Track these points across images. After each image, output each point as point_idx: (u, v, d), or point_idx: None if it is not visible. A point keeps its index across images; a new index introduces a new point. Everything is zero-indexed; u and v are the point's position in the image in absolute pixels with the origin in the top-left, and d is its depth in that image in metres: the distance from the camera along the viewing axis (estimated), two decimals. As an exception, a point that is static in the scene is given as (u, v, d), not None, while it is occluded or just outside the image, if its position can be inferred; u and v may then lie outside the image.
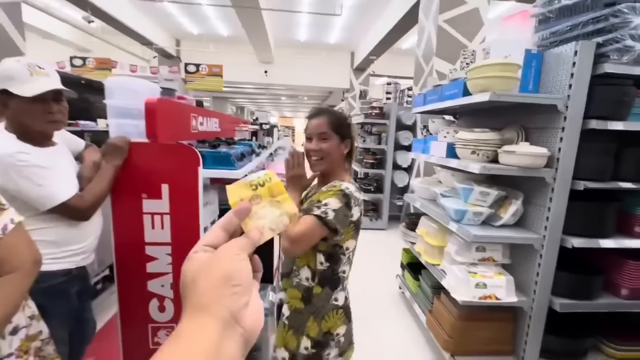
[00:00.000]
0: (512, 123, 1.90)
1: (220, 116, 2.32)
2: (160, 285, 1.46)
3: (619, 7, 1.45)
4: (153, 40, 9.37)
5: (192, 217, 1.41)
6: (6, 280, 0.75)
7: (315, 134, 1.11)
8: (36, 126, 1.18)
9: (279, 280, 1.23)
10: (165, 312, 1.49)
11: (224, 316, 0.28)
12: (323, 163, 1.12)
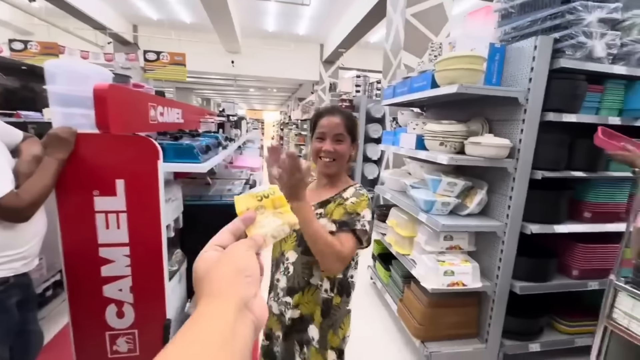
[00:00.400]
0: (477, 115, 1.96)
1: (183, 106, 2.17)
2: (118, 290, 1.34)
3: (573, 5, 1.53)
4: (107, 25, 8.64)
5: (152, 215, 1.30)
6: None
7: (332, 135, 1.01)
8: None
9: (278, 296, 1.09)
10: (125, 318, 1.38)
11: (238, 302, 0.31)
12: (335, 165, 1.03)
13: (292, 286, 1.04)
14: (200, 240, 1.69)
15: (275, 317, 1.11)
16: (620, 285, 1.16)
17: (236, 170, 2.93)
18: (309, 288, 1.03)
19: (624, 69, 1.65)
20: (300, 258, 1.02)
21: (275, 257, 1.13)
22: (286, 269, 1.05)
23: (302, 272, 1.03)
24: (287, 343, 1.08)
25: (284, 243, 1.08)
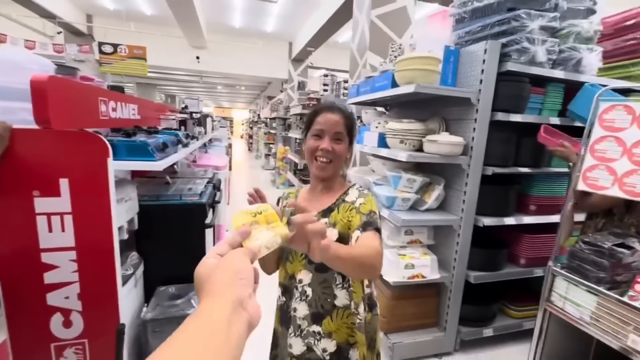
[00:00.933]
0: (435, 114, 2.05)
1: (139, 102, 2.06)
2: (64, 297, 1.25)
3: (518, 12, 1.65)
4: (57, 14, 7.97)
5: (102, 216, 1.23)
6: None
7: (331, 133, 0.91)
8: None
9: (300, 328, 0.93)
10: (73, 327, 1.29)
11: (234, 300, 0.36)
12: (332, 168, 0.93)
13: (317, 311, 0.91)
14: (158, 242, 1.64)
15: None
16: (556, 271, 1.28)
17: (199, 169, 2.83)
18: (337, 311, 0.90)
19: (562, 73, 1.81)
20: (316, 277, 0.91)
21: (282, 283, 0.99)
22: (303, 293, 0.92)
23: (322, 294, 0.91)
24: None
25: (290, 264, 0.95)
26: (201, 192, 1.94)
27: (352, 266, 0.72)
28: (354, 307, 0.91)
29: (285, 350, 0.96)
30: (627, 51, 2.08)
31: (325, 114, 0.94)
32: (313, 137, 0.94)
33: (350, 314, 0.91)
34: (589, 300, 1.16)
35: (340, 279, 0.92)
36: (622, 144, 1.11)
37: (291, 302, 0.94)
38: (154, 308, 1.56)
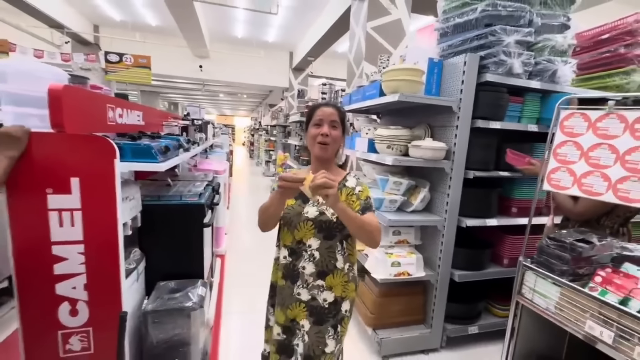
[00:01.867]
0: (421, 122, 2.18)
1: (143, 109, 2.20)
2: (72, 288, 1.35)
3: (494, 28, 1.78)
4: (65, 24, 8.23)
5: (108, 213, 1.34)
6: None
7: (328, 121, 1.13)
8: None
9: (307, 282, 1.14)
10: (78, 316, 1.39)
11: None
12: (329, 149, 1.14)
13: (322, 270, 1.13)
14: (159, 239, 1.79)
15: (302, 305, 1.15)
16: (526, 265, 1.38)
17: (200, 173, 2.95)
18: (337, 271, 1.14)
19: (539, 83, 1.93)
20: (324, 243, 1.12)
21: (288, 245, 1.17)
22: (311, 256, 1.13)
23: (328, 257, 1.13)
24: (320, 329, 1.13)
25: (298, 232, 1.14)
26: (200, 193, 2.06)
27: (357, 226, 1.02)
28: (347, 267, 1.16)
29: (288, 298, 1.18)
30: (602, 63, 2.22)
31: (322, 108, 1.17)
32: (314, 126, 1.15)
33: (345, 274, 1.15)
34: (554, 292, 1.26)
35: (341, 247, 1.13)
36: (580, 148, 1.23)
37: (298, 262, 1.15)
38: (154, 300, 1.66)
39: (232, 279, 2.98)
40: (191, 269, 1.95)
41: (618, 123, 1.13)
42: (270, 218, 1.15)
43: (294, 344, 1.16)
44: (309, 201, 1.14)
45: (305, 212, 1.11)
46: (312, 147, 1.16)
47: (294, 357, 1.14)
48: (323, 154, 1.15)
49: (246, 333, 2.20)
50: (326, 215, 1.09)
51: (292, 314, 1.16)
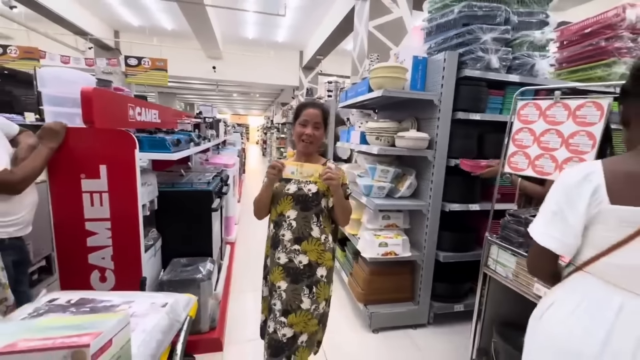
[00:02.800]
0: (409, 115, 2.35)
1: (159, 108, 2.48)
2: (101, 258, 1.63)
3: (471, 27, 1.94)
4: (88, 31, 8.77)
5: (130, 195, 1.60)
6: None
7: (312, 122, 1.30)
8: None
9: (286, 247, 1.32)
10: (106, 283, 1.66)
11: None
12: (313, 146, 1.34)
13: (298, 236, 1.30)
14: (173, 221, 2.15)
15: (280, 268, 1.32)
16: (491, 240, 1.55)
17: (210, 166, 3.23)
18: (312, 239, 1.30)
19: (518, 77, 2.07)
20: (300, 214, 1.30)
21: (273, 220, 1.38)
22: (289, 225, 1.31)
23: (303, 225, 1.30)
24: (295, 287, 1.29)
25: (279, 206, 1.33)
26: (209, 182, 2.32)
27: (342, 205, 1.30)
28: (323, 238, 1.33)
29: (273, 266, 1.35)
30: (586, 56, 2.32)
31: (308, 109, 1.33)
32: (300, 125, 1.33)
33: (321, 243, 1.32)
34: (512, 261, 1.43)
35: (316, 219, 1.32)
36: (533, 134, 1.39)
37: (279, 231, 1.33)
38: (169, 273, 1.92)
39: (240, 263, 3.23)
40: (201, 248, 2.21)
41: (563, 111, 1.28)
42: (264, 205, 1.37)
43: (272, 303, 1.33)
44: (290, 180, 1.34)
45: (287, 189, 1.32)
46: (297, 142, 1.36)
47: (272, 314, 1.32)
48: (306, 150, 1.36)
49: (251, 308, 2.44)
50: (303, 190, 1.29)
51: (273, 278, 1.34)
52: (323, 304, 1.34)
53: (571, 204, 0.80)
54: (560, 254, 0.85)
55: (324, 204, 1.32)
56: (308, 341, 1.31)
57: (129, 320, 0.59)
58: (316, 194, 1.29)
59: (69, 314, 0.67)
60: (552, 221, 0.84)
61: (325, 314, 1.40)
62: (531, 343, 0.91)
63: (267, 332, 1.34)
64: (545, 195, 0.84)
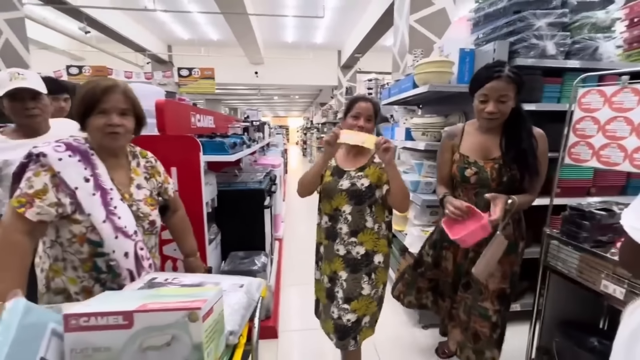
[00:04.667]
0: (456, 109, 2.30)
1: (215, 114, 2.70)
2: (173, 249, 1.84)
3: (523, 14, 1.86)
4: (146, 47, 9.68)
5: (196, 193, 1.80)
6: (182, 214, 1.40)
7: (365, 116, 1.37)
8: (18, 120, 1.41)
9: (344, 240, 1.40)
10: (178, 271, 1.87)
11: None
12: None
13: (355, 229, 1.38)
14: (230, 217, 2.38)
15: (340, 259, 1.41)
16: (551, 235, 1.48)
17: (259, 167, 3.43)
18: (366, 229, 1.38)
19: (578, 62, 1.94)
20: (355, 208, 1.37)
21: (328, 213, 1.44)
22: (345, 219, 1.38)
23: (358, 218, 1.37)
24: (355, 276, 1.39)
25: (333, 201, 1.40)
26: (260, 181, 2.48)
27: (399, 184, 1.29)
28: (377, 227, 1.39)
29: (330, 253, 1.44)
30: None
31: (360, 102, 1.40)
32: (352, 117, 1.39)
33: (375, 232, 1.39)
34: (575, 256, 1.36)
35: (369, 210, 1.38)
36: (597, 122, 1.31)
37: (336, 224, 1.41)
38: (229, 264, 2.11)
39: (288, 258, 3.39)
40: (255, 242, 2.38)
41: (632, 96, 1.19)
42: (311, 183, 1.45)
43: (335, 290, 1.44)
44: (343, 176, 1.41)
45: (340, 185, 1.39)
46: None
47: (335, 301, 1.43)
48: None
49: (299, 300, 2.57)
50: (356, 185, 1.36)
51: (334, 267, 1.44)
52: (381, 288, 1.44)
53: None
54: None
55: (377, 194, 1.37)
56: (370, 321, 1.43)
57: (222, 294, 0.70)
58: (369, 187, 1.35)
59: (172, 287, 0.81)
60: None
61: (383, 296, 1.49)
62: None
63: (331, 317, 1.44)
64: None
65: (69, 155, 0.95)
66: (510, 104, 1.34)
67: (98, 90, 0.96)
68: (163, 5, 7.70)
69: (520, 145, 1.35)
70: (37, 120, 1.42)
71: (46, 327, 0.57)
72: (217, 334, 0.65)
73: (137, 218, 1.04)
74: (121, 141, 1.03)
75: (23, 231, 0.87)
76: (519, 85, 1.34)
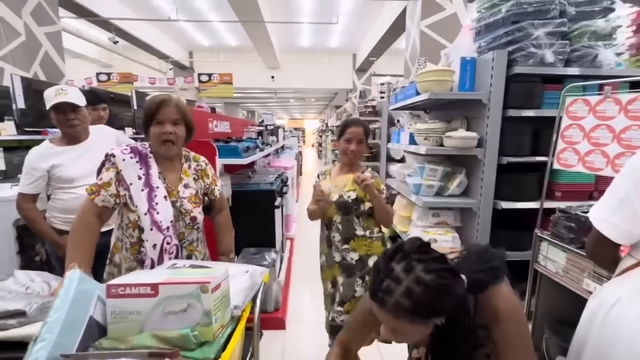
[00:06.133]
0: (459, 115, 2.39)
1: (230, 120, 2.90)
2: (194, 241, 2.01)
3: (521, 24, 1.93)
4: (169, 54, 10.16)
5: (212, 193, 1.96)
6: (226, 214, 1.50)
7: (356, 139, 1.54)
8: (62, 129, 1.62)
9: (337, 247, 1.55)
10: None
11: None
12: (357, 159, 1.60)
13: (346, 236, 1.53)
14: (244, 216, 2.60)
15: (337, 265, 1.56)
16: (541, 236, 1.56)
17: (272, 168, 3.61)
18: (357, 237, 1.52)
19: (578, 69, 1.99)
20: (343, 218, 1.53)
21: (325, 223, 1.61)
22: (337, 228, 1.55)
23: (348, 227, 1.52)
24: (350, 280, 1.51)
25: (328, 212, 1.55)
26: (271, 182, 2.65)
27: (380, 205, 1.47)
28: (368, 233, 1.54)
29: (329, 261, 1.60)
30: (666, 40, 2.10)
31: (352, 127, 1.57)
32: (345, 141, 1.57)
33: (367, 237, 1.53)
34: (561, 257, 1.44)
35: (358, 220, 1.52)
36: (583, 130, 1.39)
37: (331, 233, 1.57)
38: (241, 259, 2.28)
39: (299, 256, 3.54)
40: (266, 239, 2.55)
41: (614, 105, 1.26)
42: (318, 216, 1.60)
43: (335, 295, 1.58)
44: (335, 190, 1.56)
45: (331, 197, 1.53)
46: (342, 155, 1.62)
47: (334, 304, 1.56)
48: (349, 162, 1.61)
49: (308, 296, 2.71)
50: (344, 197, 1.51)
51: (334, 273, 1.59)
52: None
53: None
54: (620, 243, 0.81)
55: (363, 207, 1.51)
56: None
57: (228, 274, 0.86)
58: (355, 199, 1.50)
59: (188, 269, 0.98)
60: (617, 208, 0.80)
61: None
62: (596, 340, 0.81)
63: (326, 320, 1.57)
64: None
65: (131, 157, 1.18)
66: None
67: (154, 104, 1.16)
68: (185, 15, 8.09)
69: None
70: (78, 129, 1.64)
71: (94, 293, 0.74)
72: (223, 305, 0.80)
73: (180, 213, 1.22)
74: (173, 150, 1.23)
75: (94, 213, 1.13)
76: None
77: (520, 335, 0.75)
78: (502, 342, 0.74)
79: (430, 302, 0.65)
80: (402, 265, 0.68)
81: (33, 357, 0.59)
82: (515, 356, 0.74)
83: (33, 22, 4.53)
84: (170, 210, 1.19)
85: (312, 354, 2.07)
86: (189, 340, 0.70)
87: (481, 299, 0.76)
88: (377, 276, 0.70)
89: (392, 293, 0.66)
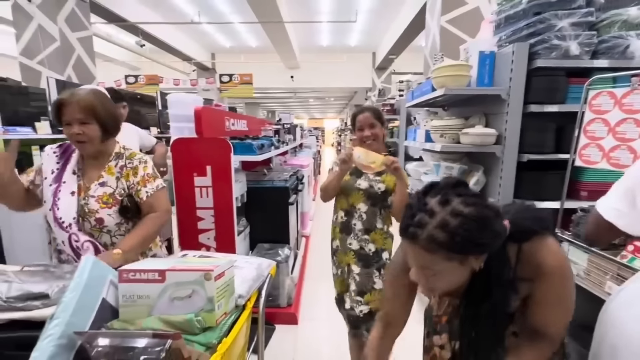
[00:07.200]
0: (477, 111, 2.32)
1: (247, 118, 2.96)
2: (207, 238, 2.08)
3: (543, 15, 1.85)
4: (192, 56, 10.48)
5: (227, 189, 2.03)
6: (151, 216, 1.22)
7: (367, 125, 1.49)
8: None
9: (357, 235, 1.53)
10: (211, 258, 2.11)
11: None
12: (375, 143, 1.51)
13: (368, 227, 1.51)
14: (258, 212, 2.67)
15: (352, 253, 1.53)
16: (561, 237, 1.48)
17: (289, 166, 3.65)
18: (377, 229, 1.51)
19: (607, 62, 1.88)
20: (370, 208, 1.50)
21: (344, 208, 1.56)
22: (360, 216, 1.51)
23: (372, 218, 1.50)
24: (368, 271, 1.50)
25: (350, 198, 1.53)
26: (286, 180, 2.68)
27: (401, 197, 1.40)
28: (385, 228, 1.53)
29: (344, 246, 1.57)
30: None
31: (359, 116, 1.54)
32: (358, 130, 1.54)
33: (384, 232, 1.53)
34: (583, 258, 1.36)
35: (380, 212, 1.51)
36: (608, 124, 1.31)
37: (351, 220, 1.54)
38: (255, 254, 2.33)
39: (314, 254, 3.56)
40: (280, 236, 2.59)
41: (641, 98, 1.18)
42: (333, 190, 1.58)
43: (348, 282, 1.57)
44: (361, 176, 1.53)
45: (358, 184, 1.51)
46: (362, 145, 1.56)
47: (348, 292, 1.55)
48: (370, 149, 1.52)
49: (322, 293, 2.72)
50: (374, 188, 1.48)
51: (347, 259, 1.57)
52: None
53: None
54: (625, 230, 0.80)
55: (389, 200, 1.50)
56: None
57: (233, 264, 0.88)
58: (385, 192, 1.48)
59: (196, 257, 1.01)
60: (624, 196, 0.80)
61: None
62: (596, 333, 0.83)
63: (344, 307, 1.57)
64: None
65: (54, 152, 1.19)
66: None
67: (55, 106, 1.11)
68: (208, 17, 8.32)
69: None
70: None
71: (107, 277, 0.79)
72: (227, 293, 0.83)
73: (83, 213, 1.14)
74: (88, 149, 1.15)
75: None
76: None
77: (561, 296, 0.70)
78: (540, 297, 0.68)
79: (467, 235, 0.58)
80: (437, 198, 0.61)
81: (49, 333, 0.64)
82: (544, 315, 0.69)
83: (67, 28, 4.82)
84: (74, 207, 1.12)
85: (323, 349, 2.09)
86: (192, 324, 0.73)
87: (525, 250, 0.68)
88: (409, 212, 0.63)
89: (425, 226, 0.59)
